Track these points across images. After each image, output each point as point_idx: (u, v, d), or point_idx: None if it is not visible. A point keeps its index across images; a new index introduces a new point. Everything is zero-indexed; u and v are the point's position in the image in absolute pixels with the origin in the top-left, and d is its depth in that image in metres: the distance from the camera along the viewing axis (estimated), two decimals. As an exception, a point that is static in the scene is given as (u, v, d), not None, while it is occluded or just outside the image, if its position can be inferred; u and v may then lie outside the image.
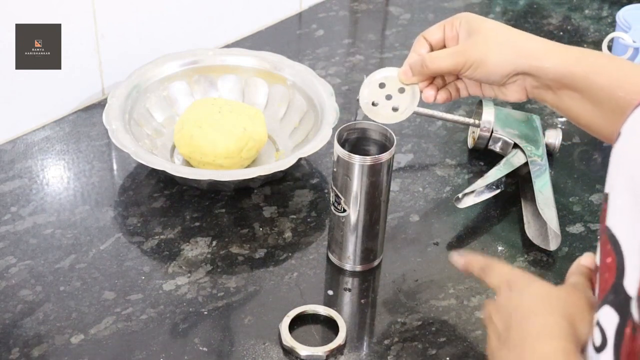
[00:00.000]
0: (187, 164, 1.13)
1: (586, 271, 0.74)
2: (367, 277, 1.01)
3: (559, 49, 0.89)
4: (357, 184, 0.95)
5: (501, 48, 0.89)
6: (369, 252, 1.01)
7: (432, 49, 0.94)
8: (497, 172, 1.10)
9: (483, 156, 1.18)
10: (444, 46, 0.93)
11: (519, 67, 0.89)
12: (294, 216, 1.08)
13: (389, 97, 0.95)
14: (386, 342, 0.93)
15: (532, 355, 0.66)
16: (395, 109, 0.94)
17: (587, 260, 0.75)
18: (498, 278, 0.77)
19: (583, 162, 1.20)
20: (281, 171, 1.08)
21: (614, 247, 0.60)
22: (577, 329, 0.66)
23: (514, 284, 0.74)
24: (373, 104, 0.95)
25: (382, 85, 0.95)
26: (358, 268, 1.01)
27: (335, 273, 1.01)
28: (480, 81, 0.93)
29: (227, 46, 1.36)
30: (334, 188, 0.97)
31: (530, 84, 0.90)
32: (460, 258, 0.84)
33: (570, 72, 0.87)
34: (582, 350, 0.66)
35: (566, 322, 0.67)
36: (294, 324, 0.94)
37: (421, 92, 0.94)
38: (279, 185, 1.12)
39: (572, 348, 0.65)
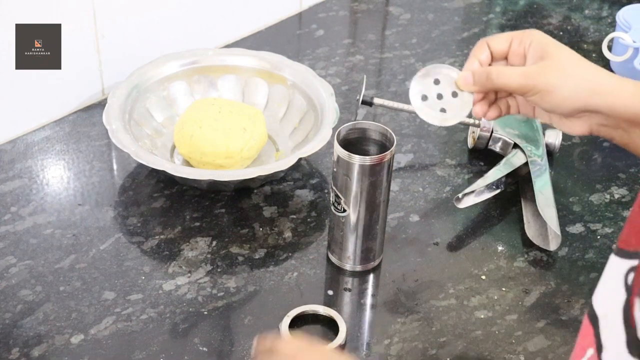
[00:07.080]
0: (187, 164, 1.13)
1: None
2: (367, 277, 1.01)
3: (634, 85, 0.81)
4: (357, 184, 0.95)
5: (576, 81, 0.81)
6: (369, 252, 1.01)
7: (492, 58, 0.87)
8: (497, 172, 1.10)
9: (483, 156, 1.18)
10: (506, 59, 0.87)
11: (590, 105, 0.81)
12: (294, 216, 1.08)
13: (439, 97, 0.88)
14: (386, 342, 0.93)
15: None
16: (442, 111, 0.88)
17: None
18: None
19: (583, 162, 1.20)
20: (281, 171, 1.08)
21: None
22: None
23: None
24: (422, 97, 0.88)
25: (436, 82, 0.88)
26: (358, 268, 1.01)
27: (335, 273, 1.01)
28: (543, 109, 0.85)
29: (227, 46, 1.36)
30: (334, 188, 0.97)
31: (597, 122, 0.83)
32: None
33: None
34: None
35: None
36: (294, 324, 0.94)
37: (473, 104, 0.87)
38: (279, 185, 1.12)
39: None
